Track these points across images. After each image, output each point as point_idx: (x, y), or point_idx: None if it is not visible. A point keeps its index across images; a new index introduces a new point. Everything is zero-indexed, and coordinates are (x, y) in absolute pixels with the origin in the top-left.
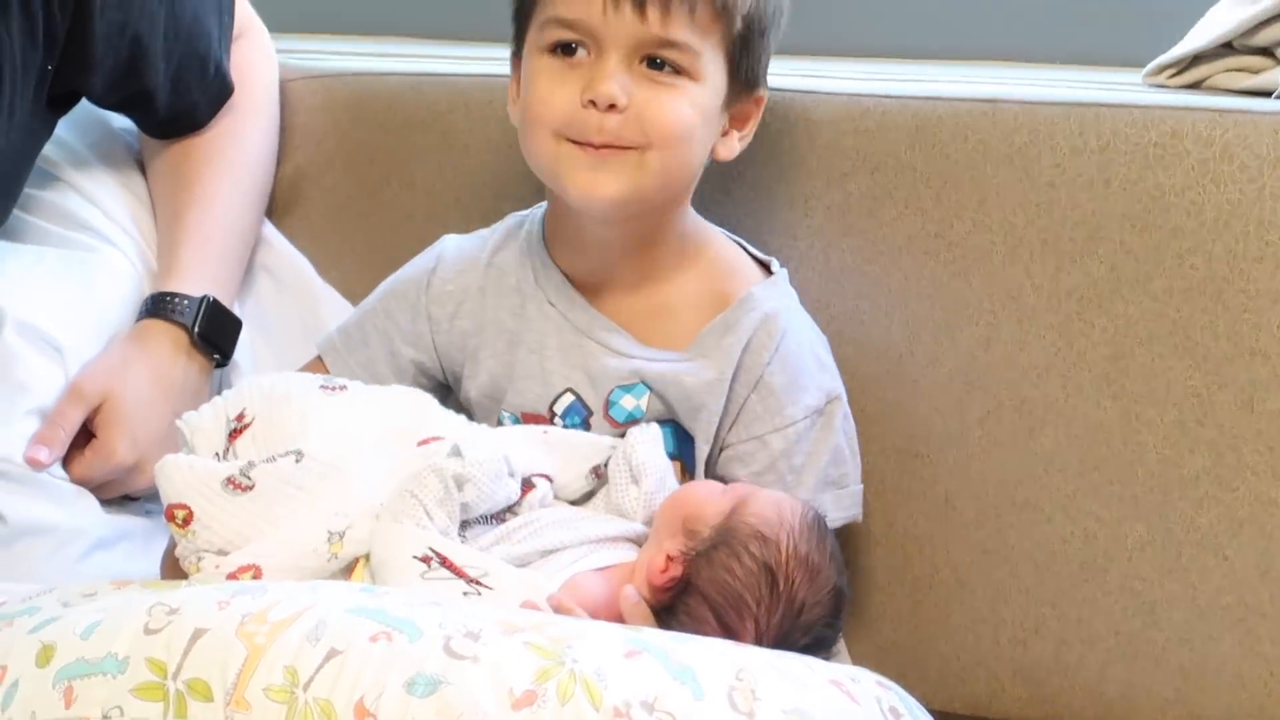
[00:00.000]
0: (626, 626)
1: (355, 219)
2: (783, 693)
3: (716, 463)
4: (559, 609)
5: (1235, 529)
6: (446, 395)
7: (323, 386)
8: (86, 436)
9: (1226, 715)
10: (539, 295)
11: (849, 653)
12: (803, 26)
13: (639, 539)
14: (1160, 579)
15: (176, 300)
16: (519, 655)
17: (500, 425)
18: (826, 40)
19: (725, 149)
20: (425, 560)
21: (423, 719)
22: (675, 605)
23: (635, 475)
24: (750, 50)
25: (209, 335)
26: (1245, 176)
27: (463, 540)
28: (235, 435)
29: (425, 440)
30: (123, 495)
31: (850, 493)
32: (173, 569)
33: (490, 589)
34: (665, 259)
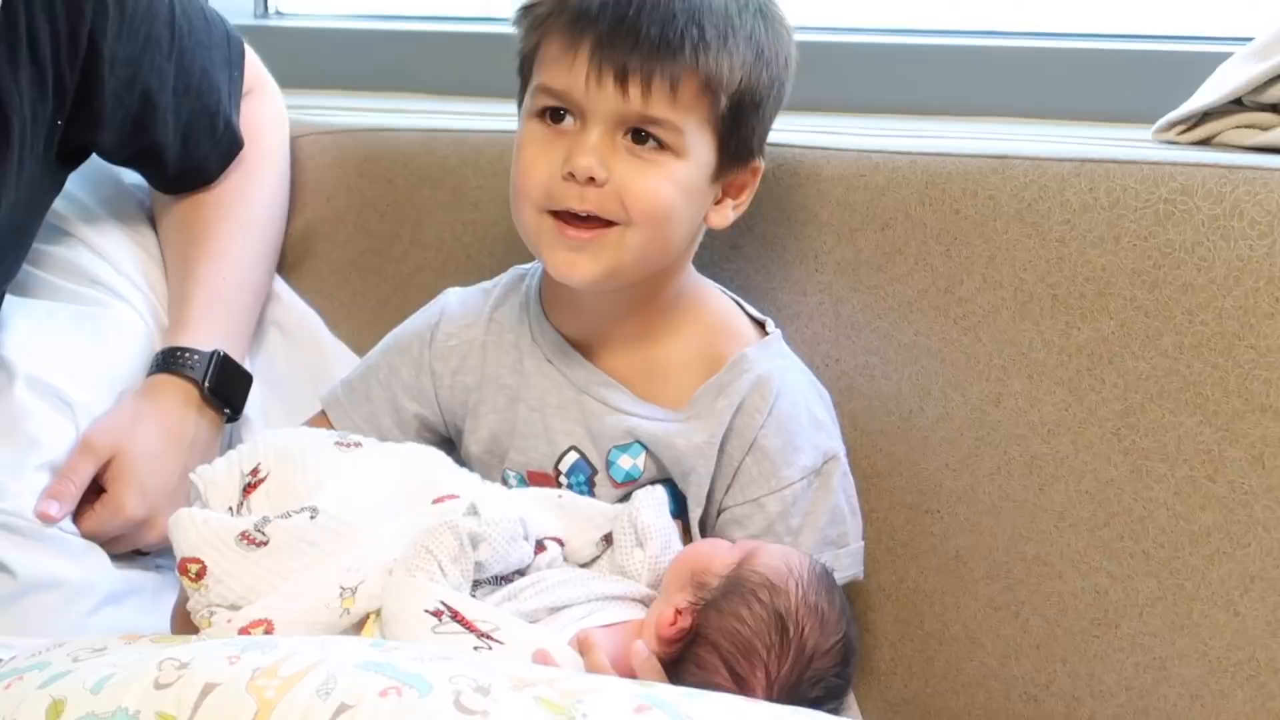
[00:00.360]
0: (637, 682)
1: (366, 274)
2: None
3: (714, 525)
4: (584, 644)
5: (1246, 585)
6: (450, 450)
7: (337, 443)
8: (97, 491)
9: None
10: (537, 352)
11: (859, 708)
12: (812, 82)
13: (644, 600)
14: (1171, 635)
15: (187, 355)
16: (529, 710)
17: (506, 484)
18: (836, 96)
19: (718, 218)
20: (437, 614)
21: None
22: (685, 657)
23: (640, 538)
24: (741, 125)
25: (219, 390)
26: (1255, 232)
27: (473, 597)
28: (250, 490)
29: (440, 498)
30: (133, 550)
31: (850, 551)
32: (184, 623)
33: (501, 643)
34: (659, 320)
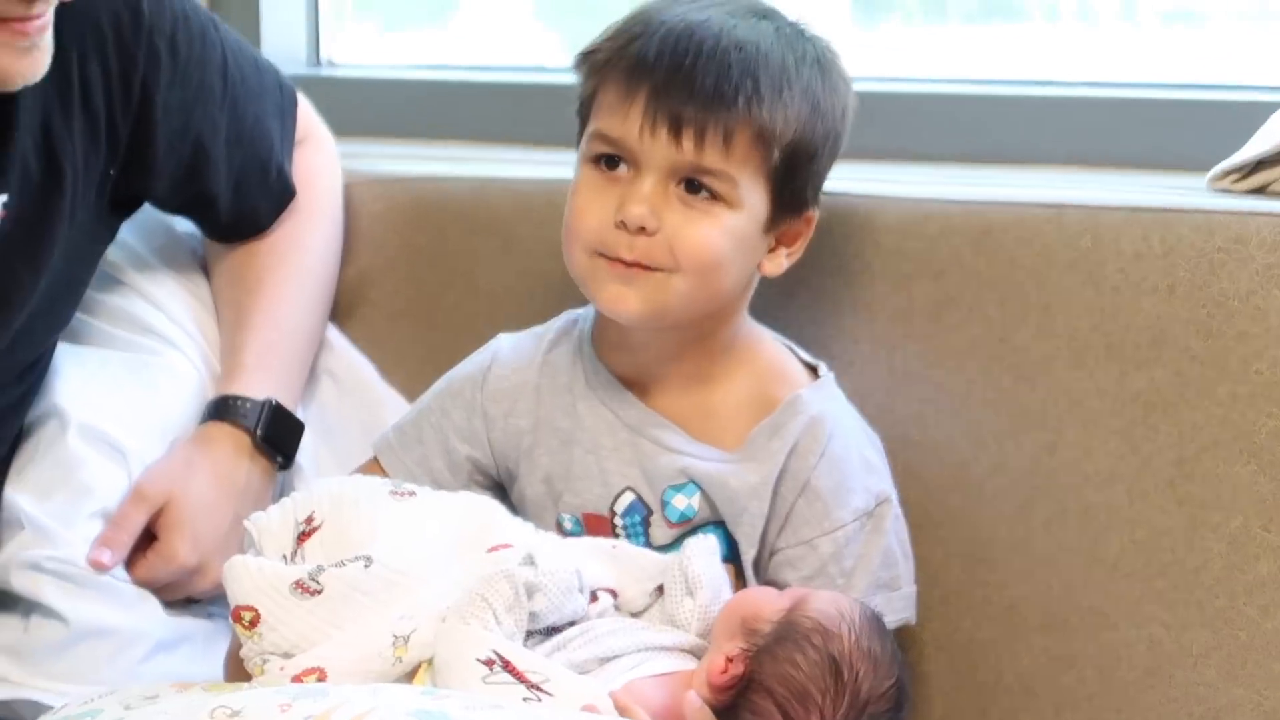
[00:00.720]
0: None
1: (418, 322)
2: None
3: (767, 567)
4: (621, 707)
5: None
6: (501, 495)
7: (392, 492)
8: (149, 539)
9: None
10: (590, 395)
11: None
12: (866, 131)
13: (694, 650)
14: (1226, 685)
15: (240, 403)
16: None
17: (560, 526)
18: (890, 145)
19: (772, 265)
20: (488, 663)
21: None
22: (738, 704)
23: (690, 588)
24: (795, 176)
25: (272, 438)
26: None
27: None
28: (304, 538)
29: (495, 547)
30: (185, 598)
31: (903, 595)
32: (236, 669)
33: (550, 695)
34: (713, 362)
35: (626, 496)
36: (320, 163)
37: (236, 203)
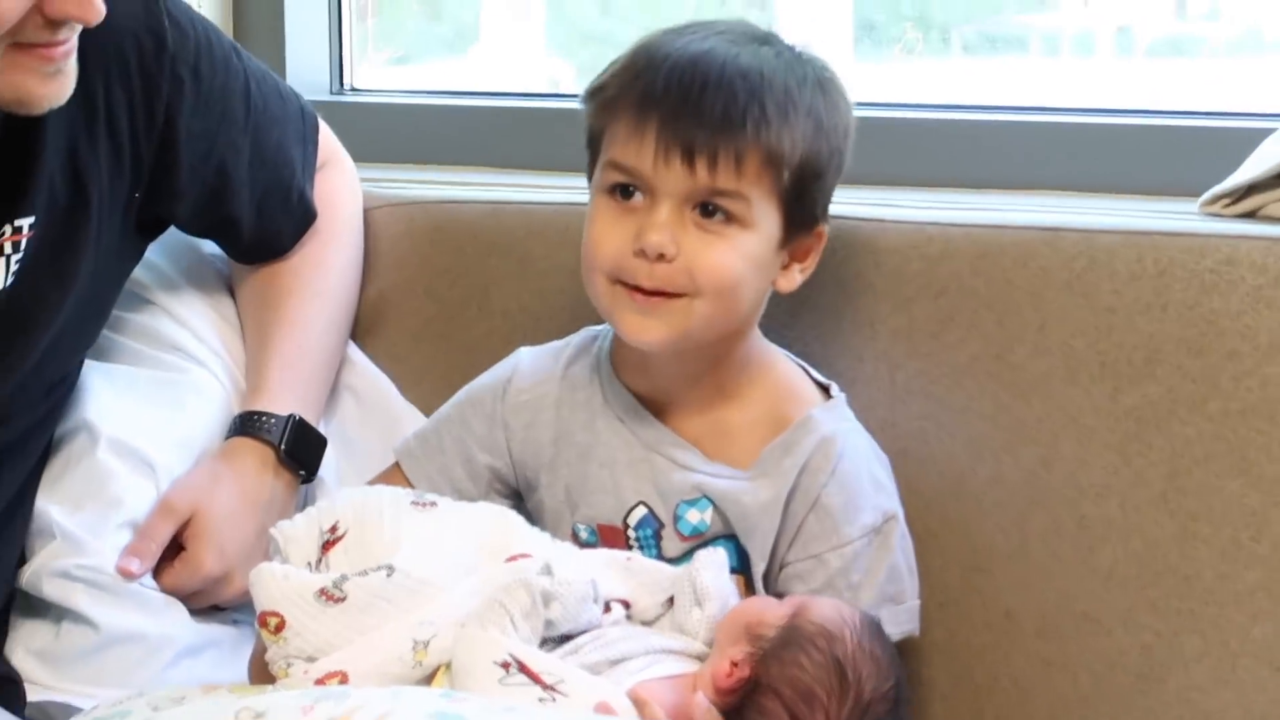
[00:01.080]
0: None
1: (436, 340)
2: None
3: (777, 580)
4: (639, 701)
5: None
6: (519, 504)
7: (414, 503)
8: (176, 549)
9: None
10: (609, 412)
11: None
12: (870, 157)
13: (701, 656)
14: (1216, 690)
15: (264, 419)
16: None
17: (575, 536)
18: (892, 170)
19: (786, 282)
20: (505, 666)
21: None
22: (744, 706)
23: (699, 598)
24: (805, 195)
25: (295, 452)
26: None
27: None
28: (328, 546)
29: (514, 557)
30: (211, 605)
31: (907, 608)
32: (260, 672)
33: (565, 695)
34: (728, 382)
35: (639, 510)
36: (341, 186)
37: (259, 225)
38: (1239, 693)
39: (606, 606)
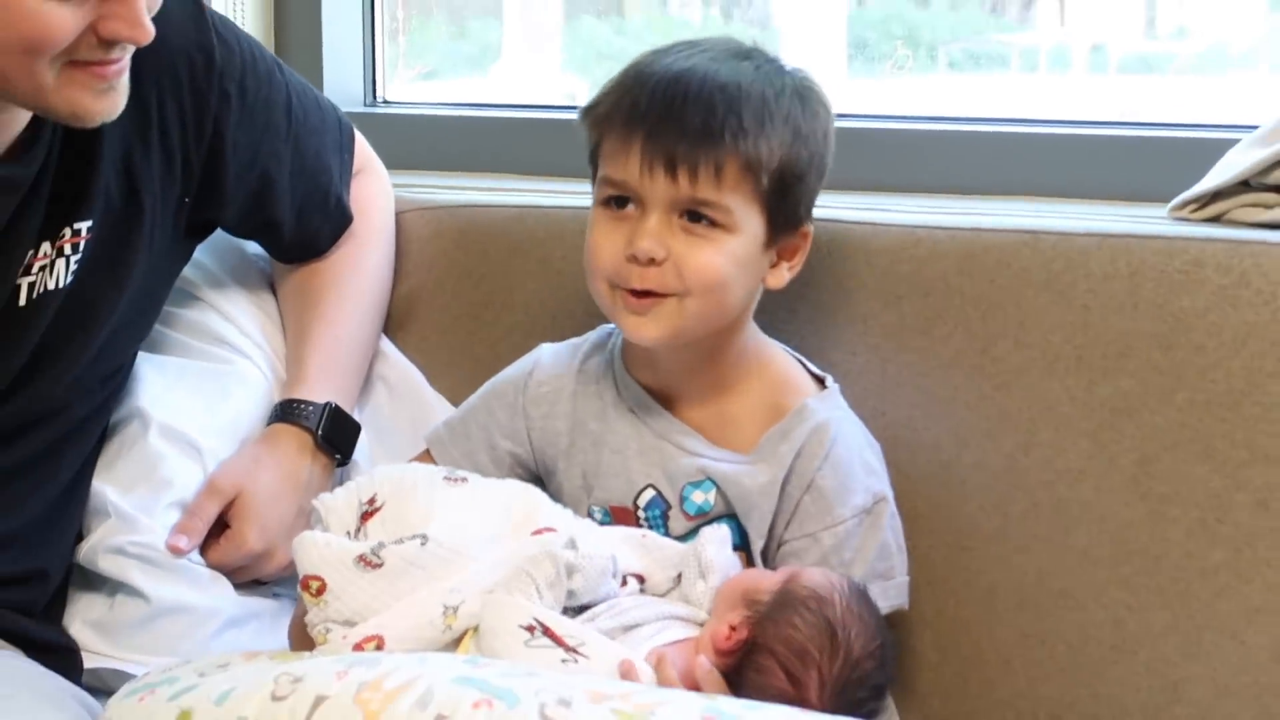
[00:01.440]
0: (703, 695)
1: (462, 335)
2: None
3: (775, 557)
4: (659, 661)
5: (1251, 616)
6: (540, 486)
7: (446, 478)
8: (222, 527)
9: None
10: (621, 404)
11: None
12: (862, 165)
13: (703, 624)
14: (1184, 661)
15: (303, 406)
16: None
17: (590, 517)
18: (884, 177)
19: (775, 279)
20: (530, 629)
21: None
22: (743, 665)
23: (703, 571)
24: (786, 198)
25: (331, 438)
26: (1261, 300)
27: None
28: (367, 517)
29: (539, 530)
30: (253, 579)
31: (896, 584)
32: (300, 636)
33: (586, 657)
34: (729, 373)
35: (648, 492)
36: (375, 192)
37: (299, 228)
38: (1205, 664)
39: (623, 580)
